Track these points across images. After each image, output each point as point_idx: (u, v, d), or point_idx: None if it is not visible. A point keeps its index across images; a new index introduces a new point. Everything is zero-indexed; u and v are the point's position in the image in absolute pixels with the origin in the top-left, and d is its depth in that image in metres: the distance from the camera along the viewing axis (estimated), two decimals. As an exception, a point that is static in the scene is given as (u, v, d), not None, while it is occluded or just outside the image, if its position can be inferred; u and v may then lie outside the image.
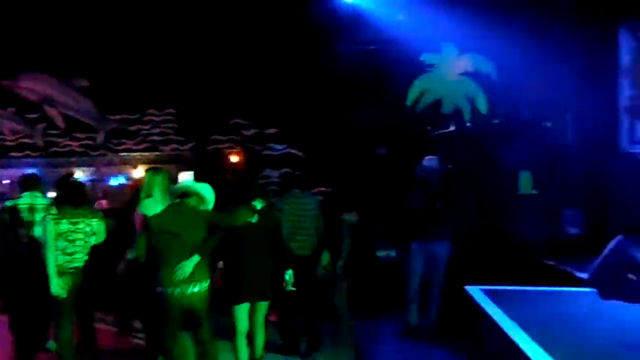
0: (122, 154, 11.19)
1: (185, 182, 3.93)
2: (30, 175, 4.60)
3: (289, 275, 3.99)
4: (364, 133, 7.41)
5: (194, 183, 3.87)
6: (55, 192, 4.61)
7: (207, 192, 3.77)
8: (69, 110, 10.64)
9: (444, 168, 5.28)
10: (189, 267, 3.52)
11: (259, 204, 3.95)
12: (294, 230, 4.58)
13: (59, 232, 3.89)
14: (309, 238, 4.63)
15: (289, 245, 4.34)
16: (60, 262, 3.89)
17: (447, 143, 6.72)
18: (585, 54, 6.36)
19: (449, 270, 5.03)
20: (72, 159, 11.05)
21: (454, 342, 4.60)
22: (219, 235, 3.68)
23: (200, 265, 3.58)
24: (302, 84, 8.72)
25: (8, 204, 4.46)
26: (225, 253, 3.90)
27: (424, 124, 7.12)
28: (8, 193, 8.88)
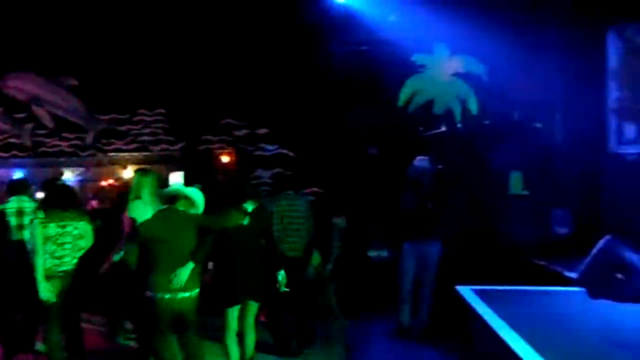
0: (111, 154, 11.10)
1: (174, 185, 3.91)
2: (17, 180, 4.75)
3: (282, 276, 3.98)
4: (356, 133, 7.42)
5: (183, 187, 3.85)
6: (42, 194, 4.57)
7: (196, 195, 3.76)
8: (58, 110, 10.52)
9: (435, 168, 5.31)
10: (185, 274, 3.51)
11: (250, 206, 3.95)
12: (285, 232, 4.57)
13: (48, 235, 3.86)
14: (300, 239, 4.63)
15: (280, 247, 4.34)
16: (49, 265, 3.86)
17: (438, 144, 6.75)
18: (575, 56, 6.42)
19: (440, 270, 5.05)
20: (60, 159, 10.93)
21: (445, 342, 4.62)
22: (211, 240, 3.66)
23: (192, 272, 3.57)
24: (294, 84, 8.71)
25: None
26: (216, 255, 3.89)
27: (416, 125, 7.14)
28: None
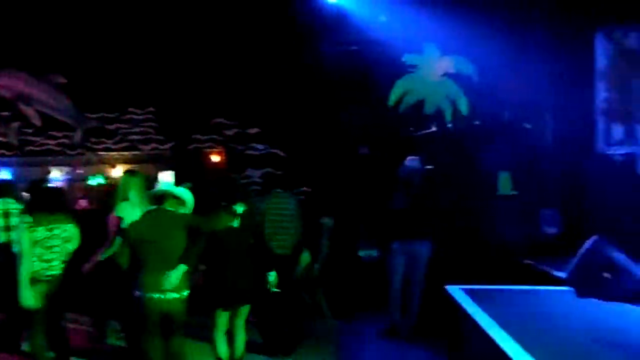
0: (100, 153, 11.00)
1: (164, 185, 3.88)
2: (2, 182, 4.83)
3: (273, 277, 3.97)
4: (347, 133, 7.43)
5: (173, 186, 3.82)
6: (28, 197, 4.50)
7: (185, 195, 3.73)
8: (46, 108, 10.39)
9: (426, 168, 5.32)
10: (175, 277, 3.50)
11: (240, 208, 3.94)
12: (275, 230, 4.57)
13: (36, 239, 3.80)
14: (290, 238, 4.64)
15: (270, 245, 4.33)
16: (37, 269, 3.81)
17: (428, 144, 6.77)
18: (564, 57, 6.47)
19: (430, 270, 5.07)
20: (48, 158, 10.81)
21: (435, 341, 4.63)
22: (202, 242, 3.65)
23: (182, 274, 3.56)
24: (284, 84, 8.69)
25: None
26: (207, 257, 3.87)
27: (406, 125, 7.16)
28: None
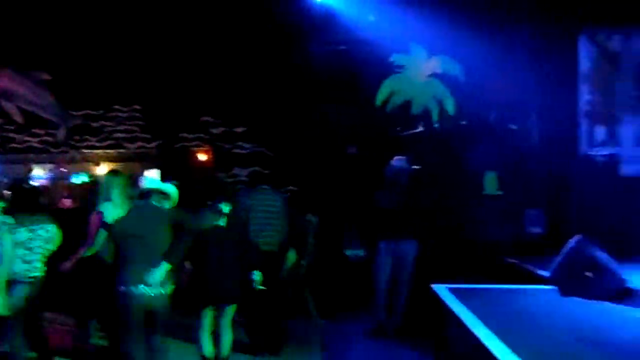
0: (85, 151, 10.86)
1: (149, 180, 3.84)
2: None
3: (257, 275, 3.97)
4: (334, 132, 7.43)
5: (158, 182, 3.79)
6: (9, 197, 4.41)
7: (170, 189, 3.71)
8: (28, 105, 10.22)
9: (412, 168, 5.34)
10: (159, 274, 3.49)
11: (226, 207, 3.92)
12: (261, 227, 4.55)
13: (18, 241, 3.74)
14: (276, 234, 4.63)
15: (256, 241, 4.31)
16: (19, 270, 3.75)
17: (415, 143, 6.81)
18: (549, 59, 6.55)
19: (416, 269, 5.09)
20: (30, 156, 10.65)
21: (420, 340, 4.65)
22: (187, 241, 3.64)
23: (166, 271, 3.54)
24: (272, 83, 8.67)
25: None
26: (193, 256, 3.85)
27: (394, 125, 7.19)
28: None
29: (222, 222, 3.86)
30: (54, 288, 4.06)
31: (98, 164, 10.63)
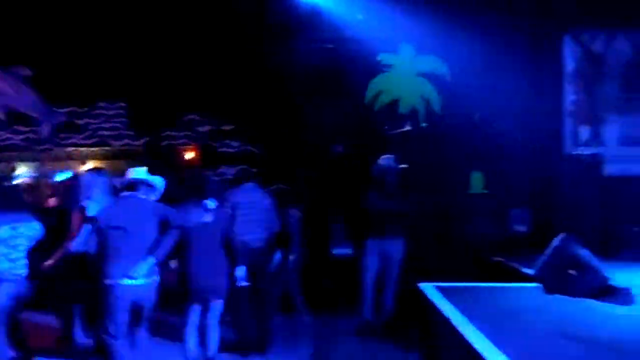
0: (69, 149, 10.72)
1: (136, 172, 3.79)
2: None
3: (241, 271, 3.96)
4: (321, 131, 7.42)
5: (144, 173, 3.76)
6: None
7: (157, 180, 3.70)
8: (10, 102, 10.05)
9: (400, 167, 5.36)
10: (144, 268, 3.47)
11: (212, 203, 3.91)
12: (247, 224, 4.54)
13: (1, 238, 3.69)
14: (262, 231, 4.62)
15: (242, 238, 4.30)
16: (3, 268, 3.70)
17: (402, 142, 6.83)
18: (534, 60, 6.62)
19: (403, 267, 5.11)
20: (13, 154, 10.47)
21: (407, 338, 4.67)
22: (173, 236, 3.62)
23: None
24: (259, 81, 8.63)
25: None
26: (178, 252, 3.84)
27: (381, 123, 7.21)
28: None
29: (208, 218, 3.85)
30: (39, 286, 4.00)
31: (83, 162, 10.49)
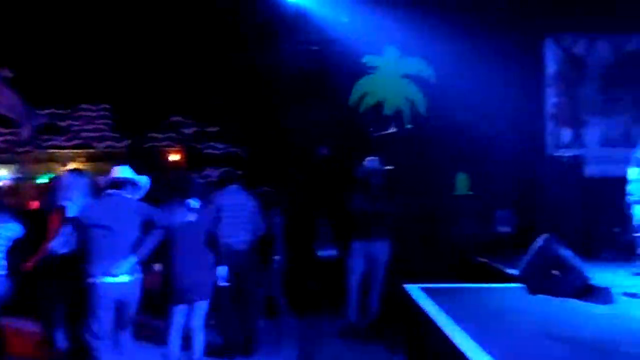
0: (51, 151, 10.55)
1: (119, 169, 3.75)
2: None
3: (222, 271, 3.94)
4: (306, 133, 7.41)
5: (129, 171, 3.72)
6: None
7: (141, 179, 3.68)
8: (-10, 103, 9.87)
9: (385, 169, 5.38)
10: (125, 266, 3.45)
11: (196, 203, 3.88)
12: (232, 226, 4.51)
13: None
14: (246, 233, 4.59)
15: (226, 240, 4.27)
16: None
17: (387, 144, 6.85)
18: (516, 62, 6.70)
19: (388, 269, 5.12)
20: (-7, 155, 10.28)
21: (393, 339, 4.68)
22: (157, 237, 3.59)
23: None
24: (243, 83, 8.59)
25: None
26: (162, 253, 3.81)
27: (366, 125, 7.22)
28: None
29: (191, 217, 3.84)
30: (19, 290, 3.93)
31: (65, 164, 10.33)
